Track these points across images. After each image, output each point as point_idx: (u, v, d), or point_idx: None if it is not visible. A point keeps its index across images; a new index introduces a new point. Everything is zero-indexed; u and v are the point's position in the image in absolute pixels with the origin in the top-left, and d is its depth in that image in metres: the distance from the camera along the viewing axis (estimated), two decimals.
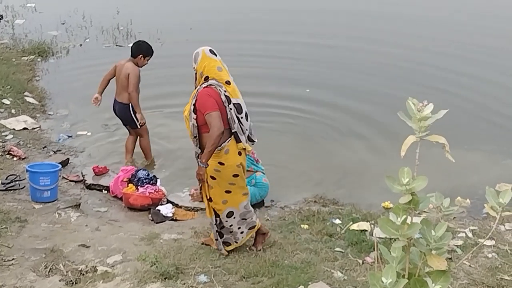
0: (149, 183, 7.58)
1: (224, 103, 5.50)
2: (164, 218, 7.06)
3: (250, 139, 5.80)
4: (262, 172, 7.61)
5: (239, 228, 5.93)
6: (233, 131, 5.57)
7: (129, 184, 7.59)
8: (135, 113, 8.31)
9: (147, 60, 8.27)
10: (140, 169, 7.81)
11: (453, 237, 6.26)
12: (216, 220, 5.92)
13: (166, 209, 7.25)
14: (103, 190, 7.83)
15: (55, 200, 7.21)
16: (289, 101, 10.82)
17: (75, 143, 9.21)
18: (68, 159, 8.53)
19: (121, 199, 7.54)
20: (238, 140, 5.59)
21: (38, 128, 9.60)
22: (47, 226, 6.52)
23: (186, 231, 6.54)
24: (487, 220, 6.74)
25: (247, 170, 7.38)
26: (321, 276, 5.49)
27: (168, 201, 7.54)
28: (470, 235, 6.40)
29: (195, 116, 5.54)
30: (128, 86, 8.13)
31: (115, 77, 8.37)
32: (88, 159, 8.71)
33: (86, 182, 7.93)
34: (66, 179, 7.95)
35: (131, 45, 8.48)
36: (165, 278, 5.30)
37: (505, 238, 6.38)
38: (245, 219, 5.94)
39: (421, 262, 3.52)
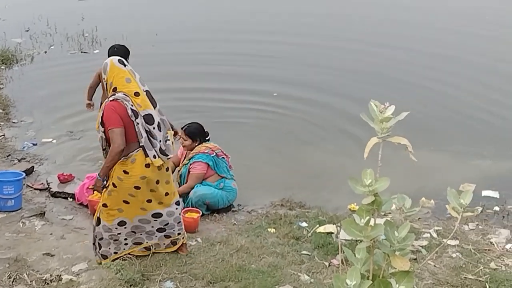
0: None
1: (131, 117, 5.34)
2: None
3: (163, 153, 5.55)
4: (233, 178, 7.60)
5: (125, 239, 5.76)
6: (140, 145, 5.42)
7: (95, 191, 7.50)
8: None
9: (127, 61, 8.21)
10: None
11: (418, 238, 6.34)
12: (95, 229, 5.77)
13: None
14: (69, 198, 7.72)
15: (19, 209, 7.08)
16: (258, 103, 10.83)
17: (40, 151, 9.09)
18: (32, 167, 8.41)
19: (87, 206, 7.46)
20: (146, 154, 5.43)
21: (2, 136, 9.46)
22: (10, 235, 6.42)
23: None
24: (451, 220, 6.82)
25: (218, 175, 7.40)
26: (288, 280, 5.51)
27: None
28: (434, 235, 6.47)
29: (102, 129, 5.42)
30: None
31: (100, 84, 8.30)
32: (53, 167, 8.60)
33: (51, 190, 7.83)
34: (31, 187, 7.84)
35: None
36: (130, 285, 5.27)
37: (469, 237, 6.47)
38: (135, 233, 5.77)
39: (385, 263, 3.54)
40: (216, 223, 7.06)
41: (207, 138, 7.58)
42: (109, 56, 8.03)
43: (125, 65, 5.58)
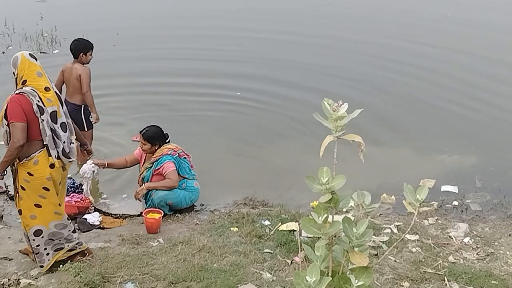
0: (75, 191, 7.44)
1: (36, 113, 5.24)
2: (91, 227, 6.94)
3: (66, 155, 5.46)
4: (194, 178, 7.57)
5: (45, 249, 5.63)
6: (44, 143, 5.32)
7: None
8: (86, 115, 8.26)
9: (91, 55, 8.19)
10: None
11: (379, 234, 6.40)
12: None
13: (93, 218, 7.13)
14: None
15: None
16: (220, 102, 10.80)
17: None
18: None
19: None
20: (49, 153, 5.34)
21: None
22: None
23: (114, 239, 6.45)
24: (412, 216, 6.90)
25: (181, 176, 7.36)
26: (250, 278, 5.52)
27: (96, 209, 7.42)
28: (395, 230, 6.54)
29: (6, 122, 5.29)
30: (82, 87, 8.08)
31: (64, 82, 8.27)
32: (10, 170, 8.43)
33: (9, 193, 7.71)
34: None
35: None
36: None
37: (428, 232, 6.55)
38: (53, 240, 5.64)
39: (345, 259, 3.57)
40: (178, 223, 7.03)
41: (167, 140, 7.52)
42: (71, 51, 8.14)
43: (36, 59, 5.49)
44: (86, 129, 8.26)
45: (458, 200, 7.60)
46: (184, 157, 7.48)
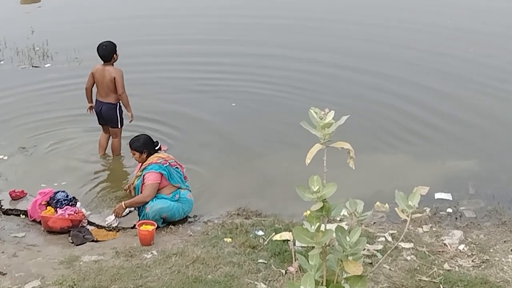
0: (68, 204, 7.41)
1: None
2: (85, 240, 6.91)
3: None
4: (188, 189, 7.55)
5: None
6: None
7: (48, 207, 7.39)
8: (120, 113, 8.83)
9: (117, 54, 8.76)
10: (59, 191, 7.63)
11: (373, 242, 6.39)
12: None
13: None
14: (21, 215, 7.60)
15: None
16: (214, 112, 10.81)
17: None
18: None
19: (40, 223, 7.34)
20: None
21: None
22: None
23: (108, 251, 6.42)
24: (406, 224, 6.88)
25: (173, 186, 7.35)
26: None
27: (89, 222, 7.40)
28: (389, 239, 6.53)
29: None
30: (118, 89, 8.60)
31: (94, 83, 8.84)
32: (4, 184, 8.44)
33: (2, 207, 7.69)
34: None
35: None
36: None
37: (423, 240, 6.55)
38: None
39: (339, 268, 3.56)
40: (172, 235, 7.01)
41: (156, 148, 7.51)
42: (103, 56, 8.60)
43: None
44: (119, 126, 8.94)
45: (452, 207, 7.61)
46: (176, 167, 7.47)
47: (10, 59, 13.63)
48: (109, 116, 8.86)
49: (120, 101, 8.78)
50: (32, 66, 13.28)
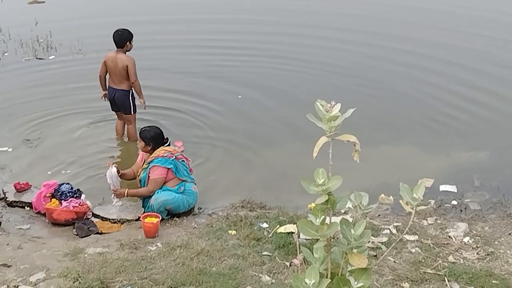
0: (72, 196, 7.42)
1: None
2: (89, 232, 6.91)
3: None
4: (193, 182, 7.55)
5: None
6: None
7: (52, 199, 7.41)
8: (133, 100, 9.03)
9: (132, 43, 8.93)
10: (63, 183, 7.64)
11: (378, 234, 6.38)
12: None
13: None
14: (26, 207, 7.61)
15: None
16: (220, 104, 10.79)
17: None
18: None
19: (44, 215, 7.35)
20: None
21: None
22: None
23: (112, 244, 6.42)
24: (411, 216, 6.87)
25: (179, 179, 7.36)
26: (249, 281, 5.49)
27: (94, 215, 7.41)
28: (394, 231, 6.52)
29: None
30: (130, 77, 8.79)
31: (107, 71, 9.02)
32: (9, 176, 8.45)
33: (7, 199, 7.69)
34: None
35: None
36: None
37: (427, 232, 6.54)
38: None
39: (343, 261, 3.55)
40: (176, 227, 7.02)
41: (166, 144, 7.51)
42: (117, 41, 8.77)
43: None
44: (132, 113, 9.13)
45: (457, 200, 7.59)
46: (182, 160, 7.47)
47: (14, 51, 13.63)
48: (122, 103, 9.03)
49: (133, 88, 8.94)
50: (36, 58, 13.28)
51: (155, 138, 7.44)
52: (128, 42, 8.83)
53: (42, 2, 18.24)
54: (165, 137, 7.56)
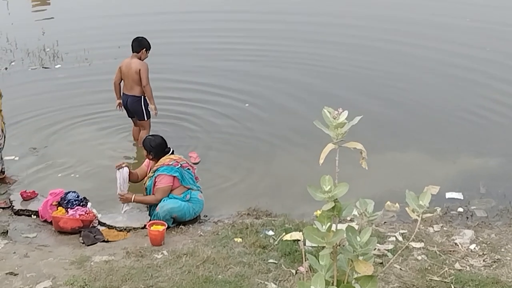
0: (79, 205, 7.44)
1: None
2: (95, 240, 6.93)
3: None
4: (199, 190, 7.57)
5: None
6: None
7: (59, 207, 7.42)
8: (146, 106, 9.06)
9: (148, 53, 9.05)
10: (70, 192, 7.66)
11: (384, 242, 6.37)
12: None
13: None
14: (32, 215, 7.63)
15: None
16: (223, 114, 10.80)
17: None
18: None
19: (51, 223, 7.37)
20: None
21: None
22: None
23: (118, 251, 6.43)
24: (417, 223, 6.86)
25: (184, 187, 7.37)
26: None
27: (100, 223, 7.42)
28: (400, 238, 6.51)
29: None
30: (142, 80, 8.88)
31: (122, 77, 9.11)
32: (16, 184, 8.47)
33: (14, 208, 7.72)
34: None
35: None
36: None
37: (433, 239, 6.53)
38: None
39: (349, 268, 3.55)
40: (182, 235, 7.02)
41: (169, 153, 7.53)
42: (135, 46, 8.91)
43: None
44: (145, 119, 9.19)
45: (463, 207, 7.59)
46: (188, 168, 7.48)
47: (21, 60, 13.69)
48: (134, 109, 9.12)
49: (145, 94, 9.00)
50: (43, 67, 13.33)
51: (155, 148, 7.47)
52: (144, 50, 8.96)
53: (47, 4, 18.36)
54: (168, 147, 7.58)
